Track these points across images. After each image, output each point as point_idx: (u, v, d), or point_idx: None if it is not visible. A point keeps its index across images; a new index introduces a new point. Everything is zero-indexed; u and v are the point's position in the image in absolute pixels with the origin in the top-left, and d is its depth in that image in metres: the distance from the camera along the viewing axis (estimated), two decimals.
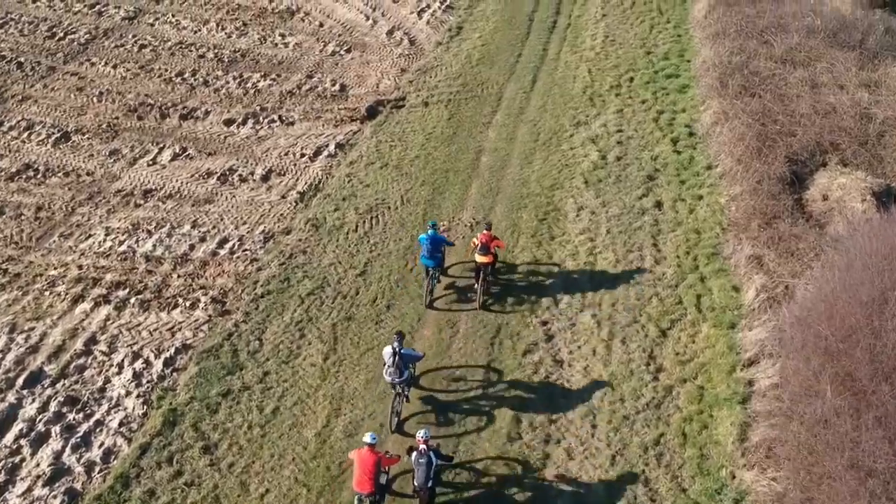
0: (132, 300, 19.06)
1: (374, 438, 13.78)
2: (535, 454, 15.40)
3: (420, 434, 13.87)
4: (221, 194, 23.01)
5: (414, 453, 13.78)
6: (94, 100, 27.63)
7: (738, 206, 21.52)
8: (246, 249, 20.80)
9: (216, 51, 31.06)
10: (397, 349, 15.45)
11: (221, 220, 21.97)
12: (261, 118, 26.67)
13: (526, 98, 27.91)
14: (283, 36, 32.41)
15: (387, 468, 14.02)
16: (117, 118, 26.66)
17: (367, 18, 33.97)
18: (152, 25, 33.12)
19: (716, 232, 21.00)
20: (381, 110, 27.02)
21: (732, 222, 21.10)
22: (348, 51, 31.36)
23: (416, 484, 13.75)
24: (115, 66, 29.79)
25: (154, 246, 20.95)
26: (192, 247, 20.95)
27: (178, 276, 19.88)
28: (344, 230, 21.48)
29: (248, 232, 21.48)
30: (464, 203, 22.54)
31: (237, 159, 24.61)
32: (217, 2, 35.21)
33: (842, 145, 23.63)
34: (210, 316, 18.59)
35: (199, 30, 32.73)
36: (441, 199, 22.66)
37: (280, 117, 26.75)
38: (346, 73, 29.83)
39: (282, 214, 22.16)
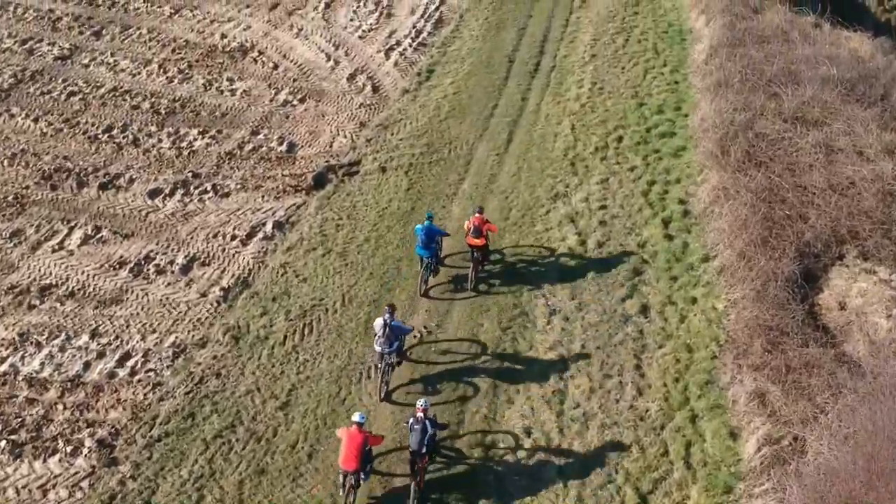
0: (1, 444, 15.93)
1: (363, 418, 14.53)
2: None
3: (420, 403, 14.80)
4: (132, 291, 19.87)
5: (411, 419, 14.71)
6: (5, 163, 24.51)
7: (738, 317, 18.32)
8: (150, 369, 17.68)
9: (153, 100, 27.91)
10: (388, 321, 16.45)
11: (127, 327, 18.84)
12: (192, 188, 23.53)
13: (499, 162, 24.71)
14: (231, 81, 29.24)
15: (370, 448, 14.57)
16: (27, 187, 23.56)
17: (329, 59, 30.80)
18: (87, 67, 30.00)
19: (711, 350, 17.83)
20: (331, 178, 23.85)
21: (731, 338, 17.90)
22: (302, 100, 28.18)
23: (411, 448, 14.54)
24: (36, 120, 26.68)
25: (42, 364, 17.85)
26: (87, 365, 17.85)
27: (65, 408, 16.79)
28: (269, 343, 18.33)
29: (155, 344, 18.35)
30: (415, 305, 19.35)
31: (157, 243, 21.47)
32: (163, 38, 32.07)
33: (862, 233, 20.42)
34: (94, 467, 15.49)
35: (139, 72, 29.59)
36: (390, 296, 19.47)
37: (214, 186, 23.60)
38: (296, 128, 26.65)
39: (199, 320, 19.02)
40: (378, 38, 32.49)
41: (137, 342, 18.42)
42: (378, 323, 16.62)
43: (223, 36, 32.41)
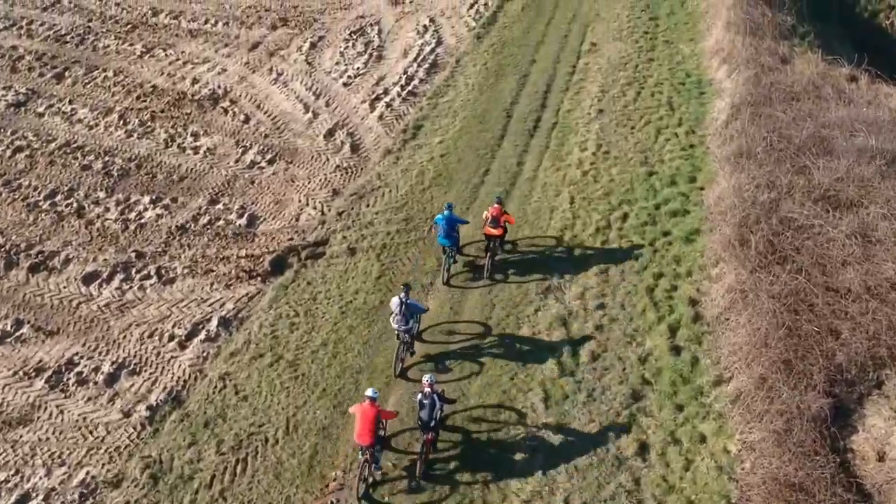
0: None
1: (376, 393, 15.11)
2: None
3: (426, 378, 15.42)
4: (45, 408, 17.33)
5: (419, 395, 15.32)
6: None
7: (754, 466, 15.42)
8: None
9: (107, 158, 25.48)
10: (404, 300, 17.21)
11: (33, 456, 16.29)
12: (133, 271, 20.97)
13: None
14: (195, 136, 26.74)
15: (384, 422, 15.28)
16: None
17: (307, 110, 28.21)
18: (41, 116, 27.67)
19: None
20: (292, 263, 21.18)
21: (745, 496, 14.96)
22: (272, 161, 25.60)
23: (421, 421, 15.27)
24: None
25: None
26: None
27: None
28: (193, 485, 15.67)
29: (62, 482, 15.73)
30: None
31: (84, 343, 18.92)
32: (130, 83, 29.69)
33: None
34: None
35: (97, 124, 27.20)
36: (342, 424, 16.73)
37: (159, 270, 21.04)
38: (261, 196, 24.06)
39: (117, 448, 16.42)
40: (364, 86, 29.87)
41: (41, 478, 15.83)
42: (394, 301, 17.44)
43: (195, 81, 29.95)
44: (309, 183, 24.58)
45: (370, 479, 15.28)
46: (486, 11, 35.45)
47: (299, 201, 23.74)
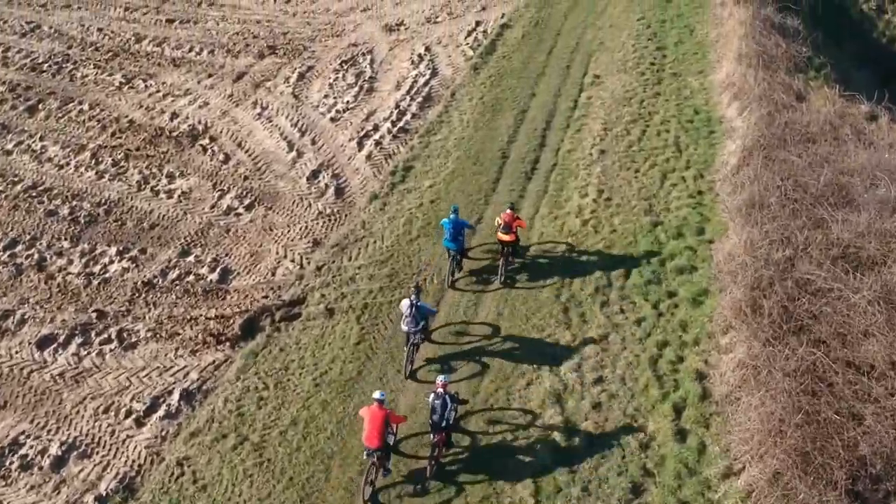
0: None
1: (383, 395, 15.11)
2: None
3: (440, 378, 15.58)
4: None
5: (432, 395, 15.41)
6: None
7: None
8: None
9: (75, 202, 24.08)
10: (414, 301, 17.50)
11: None
12: (93, 334, 19.52)
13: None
14: (171, 177, 25.33)
15: (394, 427, 15.37)
16: None
17: (291, 148, 26.77)
18: (9, 154, 26.35)
19: None
20: (264, 326, 19.66)
21: None
22: (250, 206, 24.14)
23: (432, 421, 15.24)
24: None
25: None
26: None
27: None
28: None
29: None
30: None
31: (33, 420, 17.44)
32: (106, 117, 28.34)
33: None
34: None
35: (67, 163, 25.84)
36: None
37: (120, 333, 19.56)
38: (236, 247, 22.59)
39: None
40: (353, 122, 28.42)
41: None
42: (405, 303, 17.69)
43: (174, 115, 28.56)
44: (288, 232, 23.08)
45: (377, 483, 15.33)
46: (485, 39, 34.00)
47: (277, 253, 22.24)
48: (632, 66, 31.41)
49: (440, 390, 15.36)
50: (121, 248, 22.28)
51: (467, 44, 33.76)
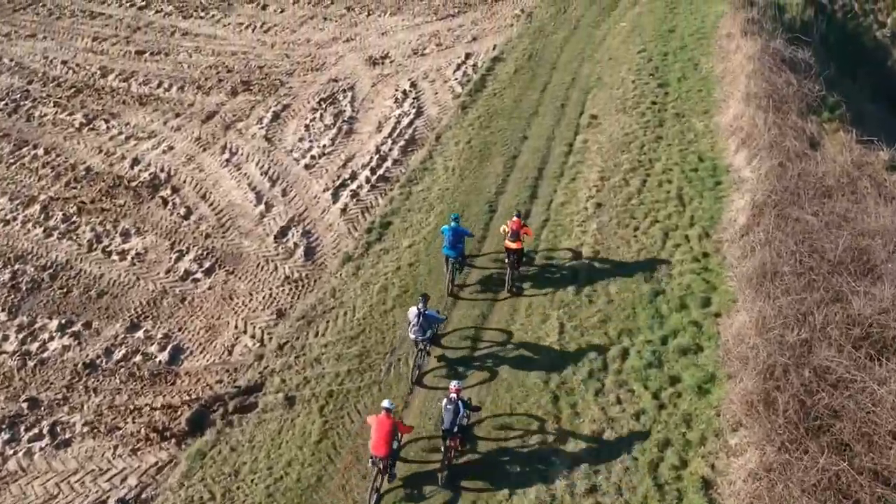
0: None
1: (392, 405, 15.38)
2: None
3: (453, 383, 15.84)
4: None
5: (444, 400, 15.59)
6: None
7: None
8: None
9: (18, 266, 22.12)
10: (421, 310, 17.59)
11: None
12: (22, 428, 17.48)
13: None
14: (125, 235, 23.34)
15: (400, 435, 15.58)
16: None
17: (259, 201, 24.78)
18: None
19: None
20: (214, 419, 17.58)
21: None
22: (210, 270, 22.13)
23: (444, 428, 15.42)
24: None
25: None
26: None
27: None
28: None
29: None
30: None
31: None
32: (61, 163, 26.38)
33: None
34: None
35: (14, 218, 23.89)
36: None
37: (53, 427, 17.53)
38: (190, 319, 20.56)
39: None
40: (329, 168, 26.44)
41: None
42: (412, 312, 17.72)
43: (135, 161, 26.61)
44: (250, 301, 21.04)
45: (382, 490, 15.45)
46: (475, 74, 32.02)
47: (235, 327, 20.19)
48: (632, 106, 29.42)
49: (453, 395, 15.52)
50: (63, 322, 20.24)
51: (456, 79, 31.79)
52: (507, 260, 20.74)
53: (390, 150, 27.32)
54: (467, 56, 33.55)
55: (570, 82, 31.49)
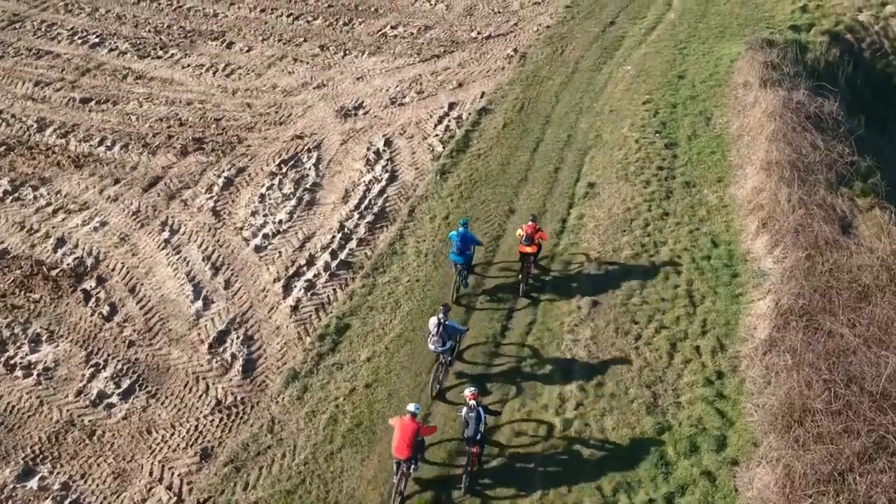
0: None
1: (417, 408, 15.67)
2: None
3: (469, 390, 16.08)
4: None
5: (464, 408, 15.80)
6: None
7: None
8: None
9: None
10: (442, 320, 17.55)
11: None
12: None
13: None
14: (36, 342, 20.06)
15: (423, 438, 15.71)
16: None
17: (197, 295, 21.50)
18: None
19: None
20: None
21: None
22: (129, 391, 18.86)
23: (467, 436, 15.63)
24: None
25: None
26: None
27: None
28: None
29: None
30: None
31: None
32: None
33: None
34: None
35: None
36: None
37: None
38: (98, 462, 17.24)
39: None
40: (284, 251, 23.11)
41: None
42: (432, 322, 17.66)
43: (60, 242, 23.38)
44: (171, 436, 17.70)
45: (406, 493, 15.66)
46: (459, 129, 28.67)
47: (150, 473, 16.85)
48: (635, 172, 26.05)
49: (472, 402, 15.77)
50: None
51: (436, 135, 28.44)
52: (522, 264, 20.95)
53: (356, 226, 24.00)
54: (451, 106, 30.21)
55: (565, 140, 28.11)
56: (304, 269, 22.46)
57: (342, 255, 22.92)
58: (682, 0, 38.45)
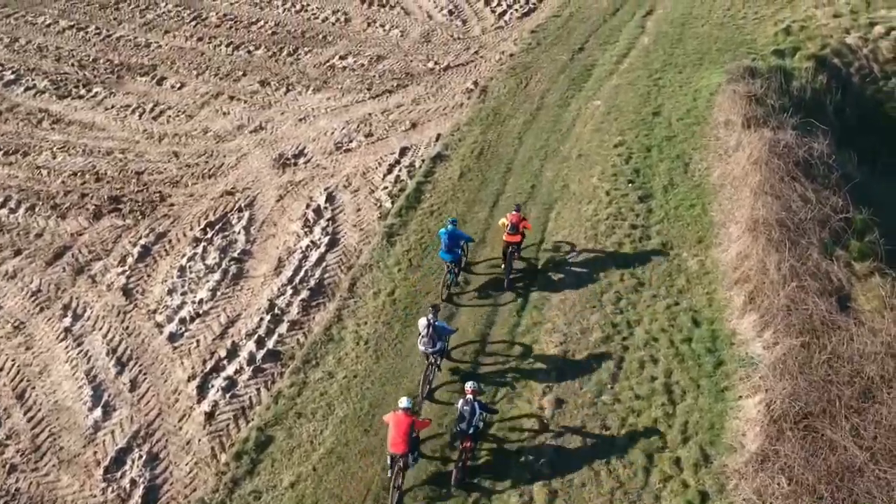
0: None
1: (410, 402, 15.86)
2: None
3: (469, 385, 16.36)
4: None
5: (461, 401, 16.15)
6: None
7: None
8: None
9: None
10: (432, 321, 17.64)
11: None
12: None
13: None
14: None
15: (418, 431, 15.91)
16: None
17: (97, 401, 18.67)
18: None
19: None
20: None
21: None
22: None
23: (460, 429, 15.96)
24: None
25: None
26: None
27: None
28: None
29: None
30: None
31: None
32: None
33: None
34: None
35: None
36: None
37: None
38: None
39: None
40: (202, 339, 20.27)
41: None
42: (422, 322, 17.85)
43: None
44: None
45: (404, 488, 15.83)
46: (410, 180, 25.93)
47: None
48: (605, 232, 23.44)
49: (469, 396, 16.00)
50: None
51: (385, 187, 25.68)
52: (505, 256, 21.16)
53: (288, 304, 21.17)
54: (403, 152, 27.45)
55: (528, 192, 25.44)
56: (225, 362, 19.62)
57: (270, 344, 20.09)
58: (656, 22, 35.97)
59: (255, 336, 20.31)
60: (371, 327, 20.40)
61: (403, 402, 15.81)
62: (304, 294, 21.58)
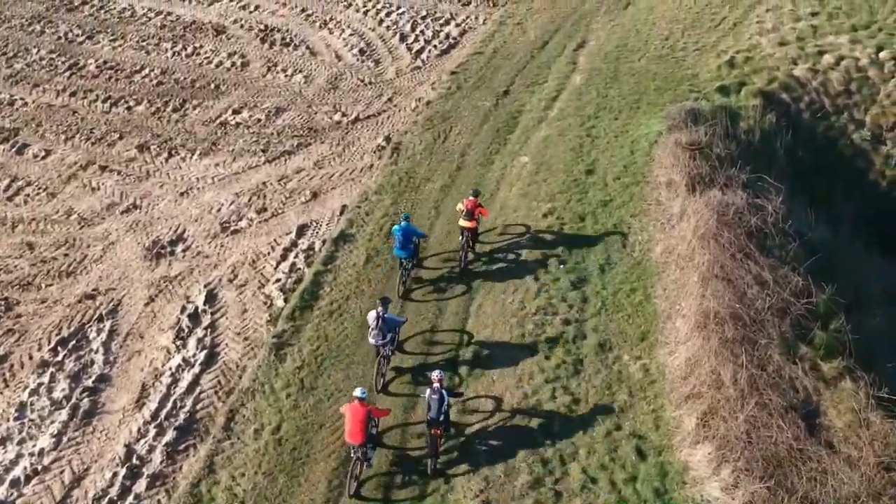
0: None
1: (364, 393, 15.97)
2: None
3: (435, 373, 16.49)
4: None
5: (428, 390, 16.32)
6: None
7: None
8: None
9: None
10: (381, 313, 18.00)
11: None
12: None
13: None
14: None
15: (377, 420, 16.39)
16: None
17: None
18: None
19: None
20: None
21: None
22: None
23: (429, 417, 16.17)
24: None
25: None
26: None
27: None
28: None
29: None
30: None
31: None
32: None
33: None
34: None
35: None
36: None
37: None
38: None
39: None
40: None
41: None
42: (371, 315, 18.14)
43: None
44: None
45: (361, 477, 16.06)
46: (307, 269, 22.38)
47: None
48: (533, 331, 20.19)
49: (436, 385, 16.15)
50: None
51: (278, 279, 22.15)
52: (460, 239, 21.49)
53: (150, 451, 17.52)
54: (301, 231, 23.94)
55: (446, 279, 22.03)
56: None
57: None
58: (588, 57, 32.98)
59: (107, 498, 16.57)
60: (249, 479, 16.85)
61: (357, 392, 15.85)
62: (170, 435, 17.91)
